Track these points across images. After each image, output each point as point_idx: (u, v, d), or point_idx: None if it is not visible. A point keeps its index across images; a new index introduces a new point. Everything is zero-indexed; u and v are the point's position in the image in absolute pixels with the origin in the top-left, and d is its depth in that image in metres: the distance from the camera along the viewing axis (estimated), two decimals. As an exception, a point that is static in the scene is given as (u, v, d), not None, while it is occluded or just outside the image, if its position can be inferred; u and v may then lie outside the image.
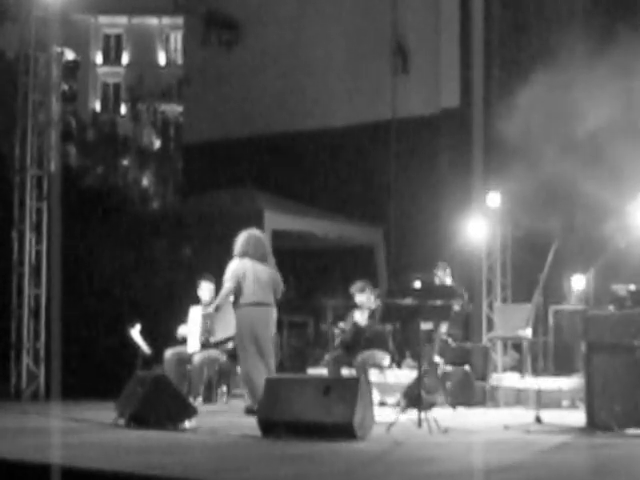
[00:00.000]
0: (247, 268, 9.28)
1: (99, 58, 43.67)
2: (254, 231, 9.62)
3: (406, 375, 10.66)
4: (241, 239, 9.47)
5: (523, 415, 8.87)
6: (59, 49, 18.16)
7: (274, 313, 9.48)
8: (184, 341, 10.51)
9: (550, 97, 10.47)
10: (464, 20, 14.75)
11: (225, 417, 9.39)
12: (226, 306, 10.54)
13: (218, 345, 10.47)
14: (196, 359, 10.25)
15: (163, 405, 8.13)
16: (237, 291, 9.30)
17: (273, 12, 17.34)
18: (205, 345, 10.39)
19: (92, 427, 8.32)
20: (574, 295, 11.70)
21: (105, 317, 12.13)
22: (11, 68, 13.94)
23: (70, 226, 11.60)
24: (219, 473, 5.78)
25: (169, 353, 10.32)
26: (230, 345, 10.60)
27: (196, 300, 10.74)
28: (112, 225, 13.15)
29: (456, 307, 10.73)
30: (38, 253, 11.40)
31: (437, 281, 11.26)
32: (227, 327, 10.47)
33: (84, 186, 16.54)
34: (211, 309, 9.75)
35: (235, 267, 9.32)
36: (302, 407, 7.37)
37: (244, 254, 9.35)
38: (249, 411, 8.91)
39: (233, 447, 7.14)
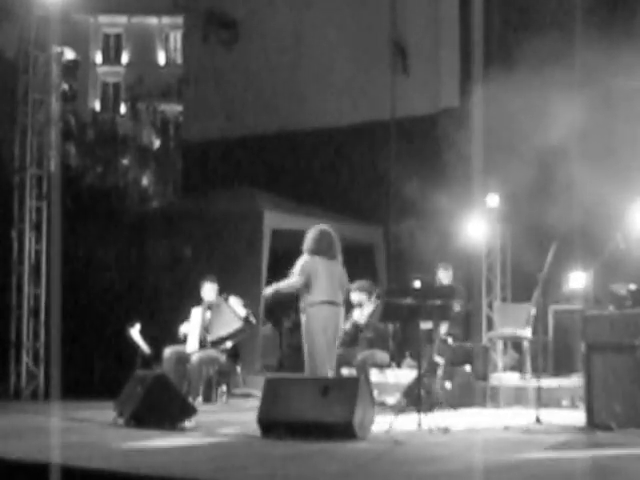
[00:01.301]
0: (319, 266, 8.81)
1: (99, 57, 43.65)
2: (326, 227, 9.13)
3: (406, 375, 10.65)
4: (313, 235, 8.98)
5: (523, 415, 8.86)
6: (59, 48, 18.17)
7: (343, 313, 9.08)
8: (185, 340, 10.52)
9: (550, 97, 10.47)
10: (464, 20, 14.75)
11: (225, 417, 9.39)
12: (222, 306, 10.54)
13: (215, 344, 10.48)
14: (195, 359, 10.26)
15: (163, 404, 8.13)
16: (305, 289, 8.80)
17: (272, 11, 17.33)
18: (203, 344, 10.40)
19: (91, 426, 8.32)
20: (574, 294, 11.70)
21: (104, 317, 12.13)
22: (11, 67, 13.93)
23: (70, 225, 11.61)
24: (219, 473, 5.77)
25: (168, 352, 10.33)
26: (228, 344, 10.62)
27: (197, 300, 10.75)
28: (112, 224, 13.15)
29: (457, 308, 10.71)
30: (38, 252, 11.41)
31: (438, 282, 11.23)
32: (223, 326, 10.48)
33: (84, 185, 16.53)
34: (268, 291, 9.11)
35: (306, 263, 8.84)
36: (302, 407, 7.37)
37: (316, 252, 8.88)
38: None
39: (233, 447, 7.14)
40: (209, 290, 10.71)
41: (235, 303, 10.73)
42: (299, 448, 6.80)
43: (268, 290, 9.12)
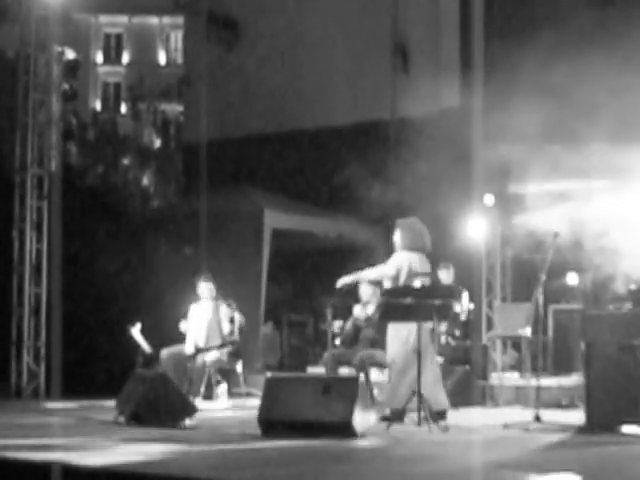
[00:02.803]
0: (416, 263, 8.59)
1: (99, 57, 43.68)
2: (418, 221, 8.79)
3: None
4: (410, 230, 8.66)
5: (522, 414, 8.87)
6: (59, 48, 18.21)
7: None
8: (184, 336, 10.55)
9: (550, 97, 10.47)
10: (464, 20, 14.75)
11: (225, 416, 9.41)
12: (214, 315, 10.55)
13: (210, 350, 10.51)
14: (200, 358, 10.28)
15: (163, 403, 8.15)
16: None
17: (273, 12, 17.34)
18: (198, 350, 10.42)
19: (92, 425, 8.34)
20: (572, 292, 11.74)
21: (105, 316, 12.16)
22: (12, 67, 13.95)
23: (70, 225, 11.63)
24: (219, 472, 5.79)
25: (165, 353, 10.35)
26: (227, 349, 10.66)
27: (197, 299, 10.77)
28: (112, 224, 13.17)
29: (458, 309, 10.71)
30: (39, 252, 11.43)
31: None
32: (211, 338, 10.52)
33: (84, 185, 16.57)
34: (346, 280, 8.71)
35: (401, 259, 8.56)
36: (302, 406, 7.39)
37: (416, 248, 8.61)
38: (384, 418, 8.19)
39: (233, 446, 7.15)
40: (204, 289, 10.73)
41: (224, 315, 10.72)
42: (299, 447, 6.82)
43: (346, 280, 8.68)
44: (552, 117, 10.03)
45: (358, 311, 10.26)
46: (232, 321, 10.84)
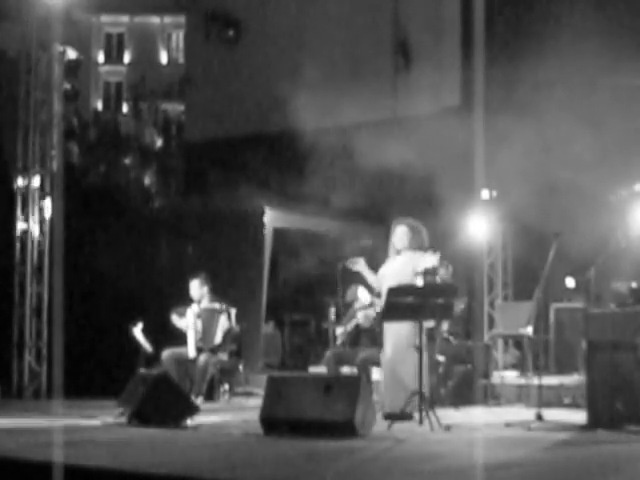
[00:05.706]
0: (421, 261, 8.78)
1: (101, 57, 43.68)
2: (414, 220, 8.98)
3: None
4: (413, 229, 8.86)
5: (524, 413, 8.87)
6: (61, 48, 18.17)
7: None
8: (179, 330, 10.57)
9: (550, 97, 10.48)
10: (466, 19, 14.76)
11: (227, 415, 9.41)
12: (211, 319, 10.55)
13: (216, 350, 10.51)
14: (202, 358, 10.29)
15: (165, 403, 8.15)
16: None
17: (275, 11, 17.35)
18: (201, 350, 10.41)
19: (94, 425, 8.34)
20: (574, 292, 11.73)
21: (107, 315, 12.17)
22: (13, 67, 13.95)
23: (72, 224, 11.64)
24: (221, 471, 5.79)
25: (166, 354, 10.36)
26: (233, 347, 10.66)
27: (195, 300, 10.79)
28: (114, 223, 13.18)
29: (461, 306, 10.71)
30: (40, 252, 11.44)
31: (438, 279, 11.21)
32: (211, 341, 10.53)
33: (86, 185, 16.59)
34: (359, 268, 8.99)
35: (383, 271, 8.93)
36: (304, 405, 7.39)
37: (419, 247, 8.84)
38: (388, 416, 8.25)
39: (235, 445, 7.15)
40: (192, 288, 10.74)
41: (221, 326, 10.68)
42: (301, 446, 6.82)
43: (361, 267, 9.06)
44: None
45: (362, 317, 10.23)
46: (228, 333, 10.75)
